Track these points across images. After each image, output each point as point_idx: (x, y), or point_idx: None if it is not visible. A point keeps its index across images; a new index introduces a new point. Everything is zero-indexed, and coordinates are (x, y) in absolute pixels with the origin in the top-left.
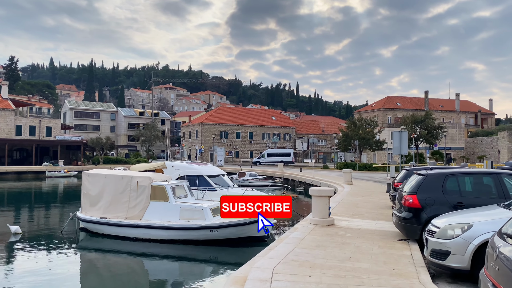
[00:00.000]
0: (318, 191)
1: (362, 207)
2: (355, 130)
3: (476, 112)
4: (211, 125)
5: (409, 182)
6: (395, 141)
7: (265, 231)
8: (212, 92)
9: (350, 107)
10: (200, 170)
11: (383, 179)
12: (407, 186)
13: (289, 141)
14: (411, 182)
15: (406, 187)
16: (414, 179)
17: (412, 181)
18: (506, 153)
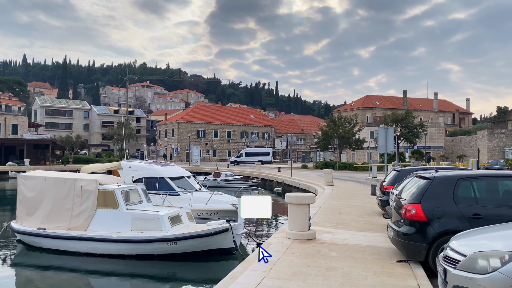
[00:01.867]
0: (296, 198)
1: (346, 213)
2: (335, 129)
3: (453, 112)
4: (188, 123)
5: (407, 187)
6: (380, 138)
7: (234, 242)
8: (191, 91)
9: (329, 106)
10: (161, 172)
11: (364, 179)
12: (406, 193)
13: (268, 140)
14: (411, 188)
15: (406, 193)
16: (415, 183)
17: (413, 186)
18: (486, 152)
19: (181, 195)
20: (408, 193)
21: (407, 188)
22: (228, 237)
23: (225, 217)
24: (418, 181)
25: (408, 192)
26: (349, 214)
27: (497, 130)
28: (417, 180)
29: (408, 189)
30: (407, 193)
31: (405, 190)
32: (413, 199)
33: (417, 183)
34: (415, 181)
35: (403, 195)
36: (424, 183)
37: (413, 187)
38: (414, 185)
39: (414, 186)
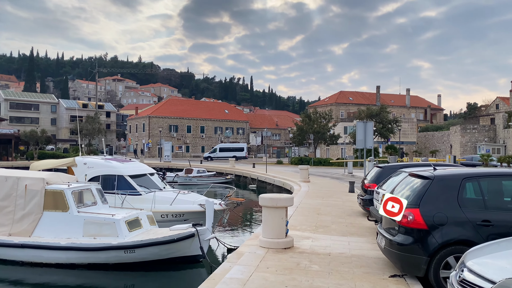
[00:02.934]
0: (271, 200)
1: (325, 213)
2: (310, 124)
3: (425, 108)
4: (159, 118)
5: (400, 188)
6: (359, 133)
7: (201, 249)
8: (163, 85)
9: (304, 102)
10: (120, 169)
11: (340, 175)
12: (399, 195)
13: (242, 136)
14: (406, 188)
15: (399, 195)
16: (409, 184)
17: (407, 186)
18: (458, 147)
19: (142, 195)
20: (403, 195)
21: (400, 188)
22: (194, 243)
23: (193, 219)
24: (413, 180)
25: (402, 194)
26: (328, 215)
27: (469, 126)
28: (412, 180)
29: (402, 190)
30: (402, 194)
31: (397, 191)
32: (410, 203)
33: (413, 184)
34: (409, 180)
35: (394, 193)
36: (421, 184)
37: (407, 188)
38: (408, 185)
39: (409, 186)
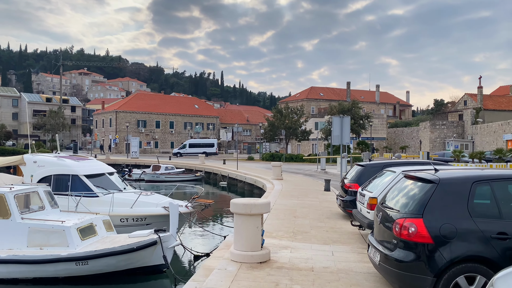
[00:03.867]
0: (244, 206)
1: (302, 216)
2: (282, 120)
3: (394, 104)
4: (127, 112)
5: (395, 192)
6: (335, 129)
7: (164, 258)
8: (132, 79)
9: (274, 98)
10: (74, 168)
11: (313, 171)
12: (395, 200)
13: (213, 131)
14: (403, 193)
15: (395, 201)
16: (407, 187)
17: (405, 191)
18: (428, 143)
19: (100, 196)
20: (400, 202)
21: (395, 193)
22: (156, 251)
23: (156, 223)
24: (411, 184)
25: (398, 199)
26: (306, 218)
27: (438, 122)
28: (410, 184)
29: (397, 195)
30: (398, 201)
31: (391, 195)
32: (412, 212)
33: (411, 188)
34: (406, 184)
35: (391, 203)
36: (424, 189)
37: (404, 193)
38: (405, 190)
39: (407, 191)
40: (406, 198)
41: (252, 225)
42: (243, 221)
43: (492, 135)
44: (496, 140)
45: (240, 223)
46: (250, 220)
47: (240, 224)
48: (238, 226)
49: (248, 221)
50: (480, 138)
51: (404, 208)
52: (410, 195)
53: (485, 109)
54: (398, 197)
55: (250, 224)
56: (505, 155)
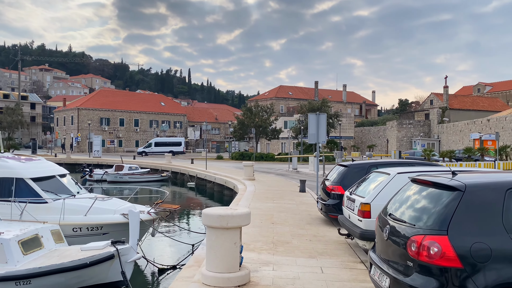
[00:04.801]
0: (219, 218)
1: (281, 222)
2: (252, 118)
3: (361, 103)
4: (89, 110)
5: (402, 199)
6: (311, 127)
7: (122, 274)
8: (95, 76)
9: (243, 96)
10: (19, 170)
11: (284, 171)
12: (403, 209)
13: (180, 130)
14: (414, 201)
15: (403, 211)
16: (419, 194)
17: (415, 198)
18: (395, 142)
19: (49, 203)
20: (412, 213)
21: (402, 199)
22: (113, 266)
23: (114, 232)
24: (426, 191)
25: (409, 209)
26: (285, 224)
27: (405, 121)
28: (424, 190)
29: (406, 203)
30: (408, 211)
31: (397, 204)
32: (432, 227)
33: (427, 195)
34: (418, 190)
35: (399, 214)
36: (444, 197)
37: (417, 202)
38: (419, 197)
39: (421, 199)
40: (421, 209)
41: (229, 241)
42: (218, 236)
43: (458, 134)
44: (462, 139)
45: (214, 238)
46: (226, 235)
47: (214, 240)
48: (211, 242)
49: (224, 236)
50: (446, 137)
51: (420, 221)
52: (426, 205)
53: (451, 109)
54: (408, 207)
55: (226, 240)
56: (475, 154)
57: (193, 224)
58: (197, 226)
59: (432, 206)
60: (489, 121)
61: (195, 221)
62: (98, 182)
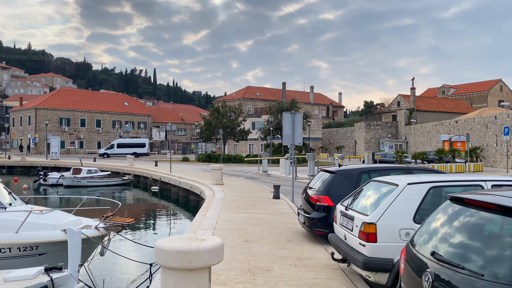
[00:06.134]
0: (179, 256)
1: (256, 239)
2: (219, 118)
3: (328, 105)
4: (48, 110)
5: (437, 227)
6: (286, 127)
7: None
8: (57, 75)
9: (210, 97)
10: None
11: (254, 173)
12: (454, 249)
13: (144, 130)
14: (484, 238)
15: (466, 254)
16: (480, 225)
17: (488, 234)
18: (363, 143)
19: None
20: (476, 256)
21: (450, 230)
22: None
23: (53, 252)
24: (490, 219)
25: (465, 246)
26: (261, 242)
27: (373, 122)
28: (485, 217)
29: (458, 234)
30: (467, 249)
31: (437, 233)
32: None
33: (495, 226)
34: (476, 217)
35: (450, 253)
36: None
37: (481, 235)
38: (480, 228)
39: (491, 234)
40: (493, 247)
41: (193, 286)
42: (177, 281)
43: (426, 136)
44: (430, 140)
45: (171, 284)
46: (189, 279)
47: (171, 287)
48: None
49: (186, 281)
50: (414, 138)
51: (495, 271)
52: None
53: (418, 110)
54: (465, 245)
55: (189, 286)
56: (446, 155)
57: (152, 238)
58: (156, 239)
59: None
60: (457, 123)
61: (154, 234)
62: (53, 187)
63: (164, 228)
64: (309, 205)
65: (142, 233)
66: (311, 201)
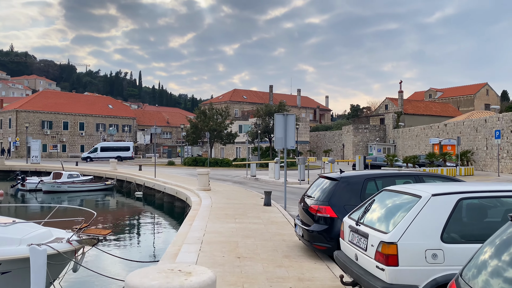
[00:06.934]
0: None
1: (249, 254)
2: (206, 121)
3: (315, 108)
4: (29, 112)
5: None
6: (278, 129)
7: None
8: (40, 77)
9: (196, 100)
10: None
11: (242, 178)
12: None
13: (129, 134)
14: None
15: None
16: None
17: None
18: (351, 147)
19: None
20: None
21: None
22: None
23: (18, 270)
24: None
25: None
26: (256, 259)
27: (361, 126)
28: None
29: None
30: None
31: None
32: None
33: None
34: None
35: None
36: None
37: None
38: None
39: None
40: None
41: None
42: None
43: (414, 139)
44: (419, 143)
45: None
46: None
47: None
48: None
49: None
50: (402, 141)
51: None
52: None
53: (405, 113)
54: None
55: None
56: (437, 159)
57: (134, 250)
58: (138, 252)
59: None
60: (446, 126)
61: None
62: (31, 192)
63: (147, 238)
64: (309, 216)
65: (122, 244)
66: (310, 211)
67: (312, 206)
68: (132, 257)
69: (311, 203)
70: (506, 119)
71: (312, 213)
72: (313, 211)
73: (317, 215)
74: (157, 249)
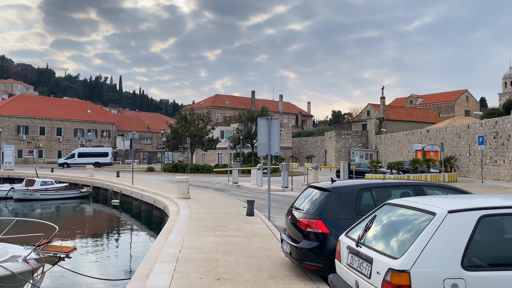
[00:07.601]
0: None
1: (231, 276)
2: (187, 126)
3: (297, 114)
4: (4, 117)
5: None
6: (262, 135)
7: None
8: (17, 81)
9: (178, 105)
10: None
11: (223, 185)
12: None
13: (108, 139)
14: None
15: None
16: None
17: None
18: (334, 153)
19: None
20: None
21: None
22: None
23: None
24: None
25: None
26: (238, 280)
27: (343, 131)
28: None
29: None
30: None
31: None
32: None
33: None
34: None
35: None
36: None
37: None
38: None
39: None
40: None
41: None
42: None
43: (396, 145)
44: (401, 149)
45: None
46: None
47: None
48: None
49: None
50: (384, 147)
51: None
52: None
53: (387, 119)
54: None
55: None
56: (421, 165)
57: (102, 266)
58: (108, 269)
59: None
60: (429, 132)
61: (106, 261)
62: (1, 200)
63: (120, 252)
64: (297, 230)
65: (90, 260)
66: (299, 226)
67: (301, 220)
68: (101, 274)
69: (299, 217)
70: (488, 125)
71: (301, 228)
72: (302, 225)
73: (307, 230)
74: (129, 264)
